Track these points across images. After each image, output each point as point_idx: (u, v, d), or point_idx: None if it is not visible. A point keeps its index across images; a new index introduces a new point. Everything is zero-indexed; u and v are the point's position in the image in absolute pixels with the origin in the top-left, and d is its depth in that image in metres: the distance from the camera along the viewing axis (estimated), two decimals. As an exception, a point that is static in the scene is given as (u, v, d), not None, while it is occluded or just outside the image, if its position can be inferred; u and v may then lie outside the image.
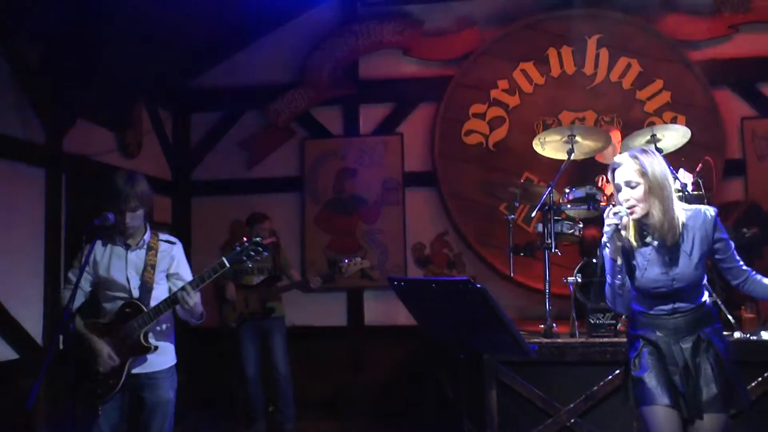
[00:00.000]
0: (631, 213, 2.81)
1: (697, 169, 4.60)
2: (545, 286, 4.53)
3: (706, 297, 2.91)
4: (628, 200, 2.80)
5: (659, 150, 4.58)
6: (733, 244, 2.89)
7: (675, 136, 4.68)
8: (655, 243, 2.85)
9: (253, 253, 3.30)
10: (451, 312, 2.77)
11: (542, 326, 4.54)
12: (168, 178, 6.97)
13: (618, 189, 2.85)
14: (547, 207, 4.54)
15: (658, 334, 2.86)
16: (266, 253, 3.35)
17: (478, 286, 2.58)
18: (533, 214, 4.58)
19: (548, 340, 4.34)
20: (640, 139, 4.66)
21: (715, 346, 2.82)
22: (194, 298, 3.25)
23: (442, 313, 2.83)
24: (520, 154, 6.40)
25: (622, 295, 2.90)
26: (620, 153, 4.93)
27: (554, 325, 4.45)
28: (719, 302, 4.49)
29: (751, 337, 4.26)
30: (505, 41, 6.65)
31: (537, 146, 4.87)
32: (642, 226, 2.88)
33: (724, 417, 2.78)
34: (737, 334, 4.31)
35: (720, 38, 6.49)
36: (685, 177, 4.52)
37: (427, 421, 5.30)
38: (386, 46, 6.82)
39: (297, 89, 6.88)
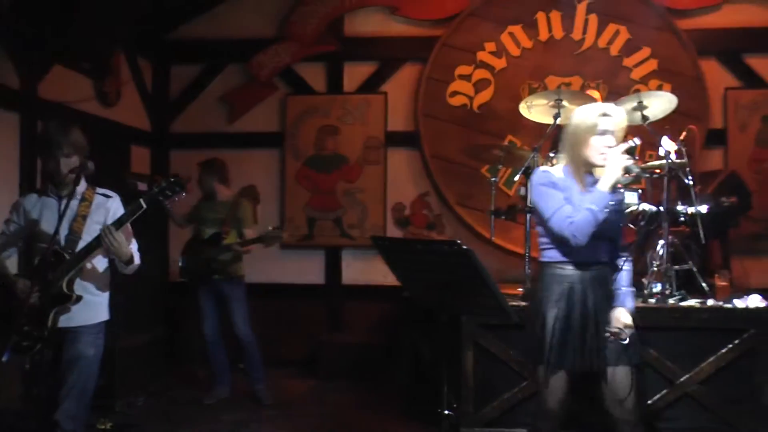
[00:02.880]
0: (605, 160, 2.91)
1: (681, 138, 4.61)
2: (525, 250, 4.55)
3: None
4: (610, 147, 2.89)
5: (645, 118, 4.59)
6: None
7: (662, 103, 4.67)
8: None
9: (170, 193, 3.20)
10: (435, 273, 2.76)
11: (521, 289, 4.57)
12: (147, 128, 6.85)
13: (603, 132, 2.90)
14: (530, 171, 4.52)
15: (578, 286, 2.95)
16: (184, 194, 3.24)
17: (464, 247, 2.58)
18: (516, 178, 4.55)
19: (525, 303, 4.36)
20: (627, 105, 4.64)
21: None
22: (117, 239, 3.16)
23: (426, 274, 2.83)
24: (504, 117, 6.36)
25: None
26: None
27: (533, 288, 4.48)
28: (694, 269, 4.56)
29: (724, 305, 4.35)
30: (494, 3, 6.56)
31: (523, 110, 4.84)
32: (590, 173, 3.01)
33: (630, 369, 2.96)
34: (710, 302, 4.40)
35: (709, 7, 6.48)
36: (669, 145, 4.53)
37: (403, 381, 5.33)
38: (373, 3, 6.70)
39: (280, 44, 6.75)
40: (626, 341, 2.92)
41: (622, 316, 2.98)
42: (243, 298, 5.28)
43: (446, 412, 2.95)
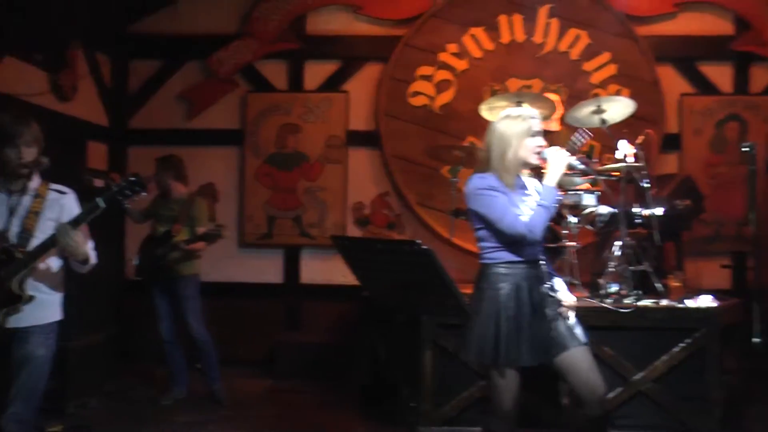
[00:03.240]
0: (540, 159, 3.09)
1: (639, 141, 4.70)
2: (484, 251, 4.57)
3: None
4: (542, 146, 3.07)
5: (604, 122, 4.67)
6: None
7: (620, 107, 4.76)
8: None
9: (129, 192, 3.12)
10: (395, 273, 2.77)
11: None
12: (104, 124, 6.72)
13: (536, 135, 3.07)
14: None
15: (523, 283, 3.01)
16: (144, 193, 3.18)
17: (424, 247, 2.58)
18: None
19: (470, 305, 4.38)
20: (587, 109, 4.72)
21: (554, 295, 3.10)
22: (74, 239, 3.07)
23: (386, 274, 2.83)
24: (465, 119, 6.39)
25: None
26: (563, 121, 5.05)
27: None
28: (649, 270, 4.66)
29: (677, 305, 4.47)
30: (456, 5, 6.58)
31: (484, 111, 4.87)
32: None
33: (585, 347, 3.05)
34: (664, 302, 4.50)
35: (666, 15, 6.64)
36: (626, 148, 4.62)
37: (362, 381, 5.32)
38: (336, 2, 6.68)
39: (241, 40, 6.68)
40: (572, 320, 3.06)
41: (566, 297, 3.09)
42: (196, 297, 5.19)
43: (404, 411, 2.95)
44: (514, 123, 3.08)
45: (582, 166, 3.15)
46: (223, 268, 6.37)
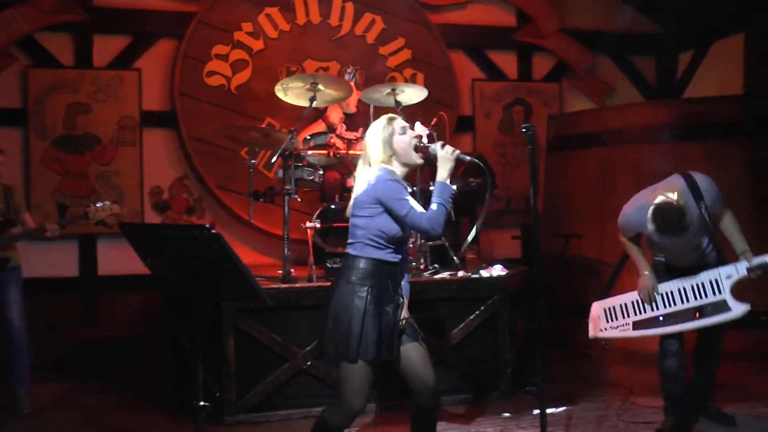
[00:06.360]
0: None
1: (432, 123, 4.92)
2: (284, 232, 4.57)
3: None
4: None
5: (398, 103, 4.81)
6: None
7: (414, 91, 4.94)
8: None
9: None
10: (187, 259, 2.67)
11: (280, 272, 4.58)
12: None
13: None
14: (288, 153, 4.56)
15: (388, 282, 3.03)
16: None
17: (213, 232, 2.51)
18: (273, 160, 4.56)
19: (286, 285, 4.40)
20: (382, 91, 4.84)
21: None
22: None
23: (178, 261, 2.72)
24: (262, 99, 6.34)
25: None
26: (359, 102, 5.16)
27: (292, 270, 4.52)
28: (446, 245, 4.91)
29: (472, 275, 4.78)
30: (250, -17, 6.47)
31: (279, 92, 4.84)
32: None
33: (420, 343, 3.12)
34: (461, 273, 4.80)
35: (457, 5, 7.10)
36: (421, 130, 4.79)
37: (164, 374, 5.11)
38: (126, -29, 6.29)
39: (16, 8, 6.04)
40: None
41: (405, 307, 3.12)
42: (21, 286, 4.88)
43: (202, 403, 2.87)
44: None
45: (468, 158, 3.21)
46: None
